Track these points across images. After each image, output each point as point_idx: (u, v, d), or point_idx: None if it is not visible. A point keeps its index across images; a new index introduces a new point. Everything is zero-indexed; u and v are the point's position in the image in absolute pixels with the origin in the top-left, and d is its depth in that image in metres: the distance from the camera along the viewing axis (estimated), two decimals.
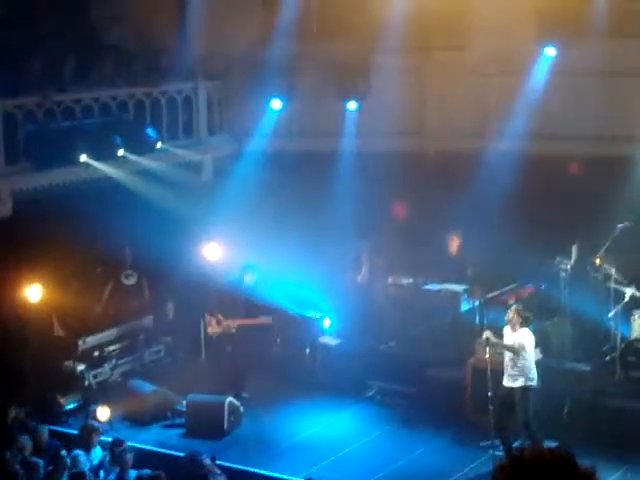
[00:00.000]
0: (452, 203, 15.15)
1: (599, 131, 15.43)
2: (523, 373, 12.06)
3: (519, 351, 12.01)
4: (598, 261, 13.94)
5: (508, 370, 12.12)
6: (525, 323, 12.16)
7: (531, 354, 12.14)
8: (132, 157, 15.08)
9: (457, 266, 14.90)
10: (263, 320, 14.53)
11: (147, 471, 10.81)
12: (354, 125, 16.56)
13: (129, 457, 11.34)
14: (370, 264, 15.86)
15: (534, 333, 12.31)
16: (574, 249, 14.34)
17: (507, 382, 12.13)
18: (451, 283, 14.62)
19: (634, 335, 13.70)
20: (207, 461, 10.89)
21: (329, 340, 15.13)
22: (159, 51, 16.74)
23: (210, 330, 14.58)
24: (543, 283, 14.65)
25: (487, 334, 12.06)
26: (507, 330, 12.26)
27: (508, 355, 12.15)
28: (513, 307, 12.45)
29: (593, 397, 13.06)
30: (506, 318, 12.26)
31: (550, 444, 12.17)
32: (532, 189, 14.81)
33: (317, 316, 15.40)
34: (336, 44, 16.50)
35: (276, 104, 16.48)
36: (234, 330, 14.45)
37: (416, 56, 16.53)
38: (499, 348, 12.30)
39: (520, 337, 12.10)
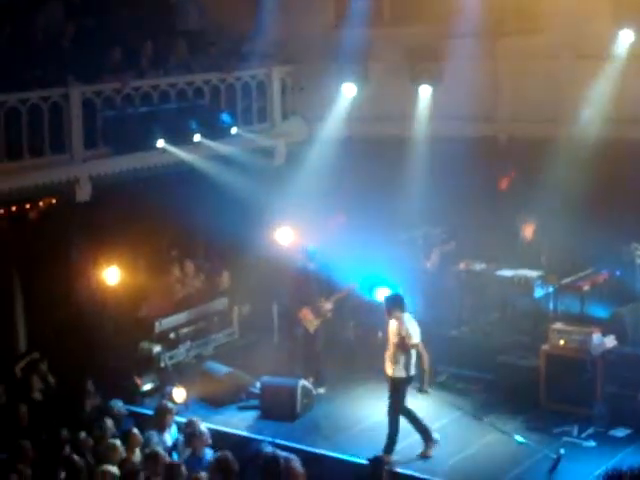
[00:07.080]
0: (526, 189, 15.07)
1: None
2: None
3: None
4: None
5: None
6: None
7: None
8: (207, 142, 15.23)
9: (531, 252, 14.81)
10: (349, 288, 14.36)
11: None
12: (426, 110, 16.52)
13: (205, 437, 11.29)
14: (441, 250, 15.83)
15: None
16: None
17: None
18: (525, 269, 14.53)
19: None
20: (268, 449, 10.57)
21: None
22: (236, 36, 16.86)
23: (309, 325, 14.12)
24: (618, 269, 14.52)
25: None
26: None
27: None
28: None
29: None
30: None
31: None
32: (608, 174, 14.63)
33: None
34: (409, 28, 16.48)
35: (349, 89, 16.51)
36: (330, 314, 14.26)
37: (489, 41, 16.39)
38: None
39: None
